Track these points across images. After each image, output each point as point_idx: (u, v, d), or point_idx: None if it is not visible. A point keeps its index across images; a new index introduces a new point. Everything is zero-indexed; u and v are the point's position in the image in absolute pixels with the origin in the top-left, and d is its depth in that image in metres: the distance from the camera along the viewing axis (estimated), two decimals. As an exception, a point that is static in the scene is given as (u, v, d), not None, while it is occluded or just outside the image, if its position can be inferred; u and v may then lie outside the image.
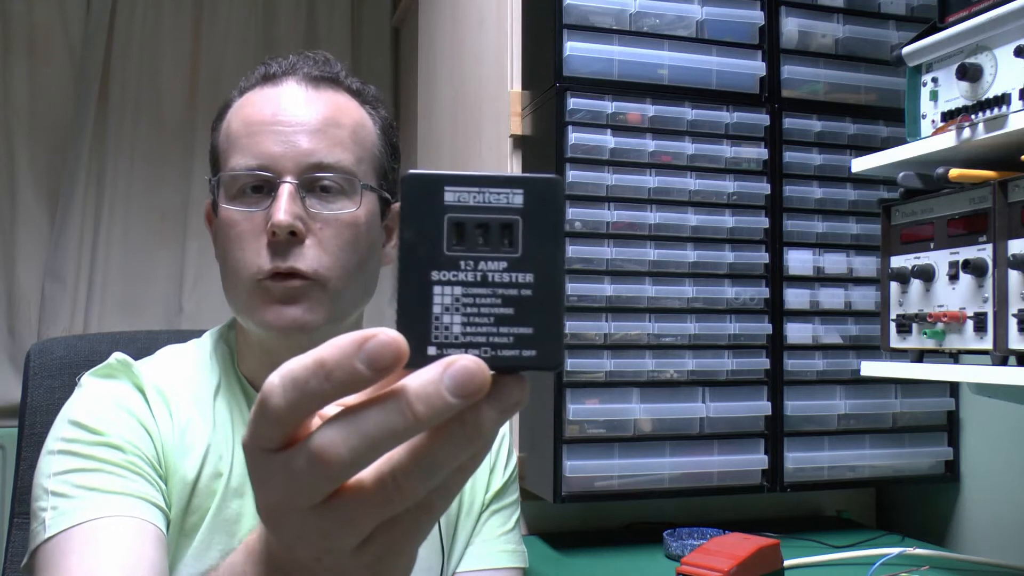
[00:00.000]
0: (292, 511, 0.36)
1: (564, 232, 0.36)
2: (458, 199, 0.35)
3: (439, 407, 0.33)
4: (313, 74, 0.86)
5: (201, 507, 0.82)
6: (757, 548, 1.05)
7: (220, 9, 2.84)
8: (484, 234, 0.35)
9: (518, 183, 0.36)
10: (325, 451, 0.34)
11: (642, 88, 1.36)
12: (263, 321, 0.81)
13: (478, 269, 0.35)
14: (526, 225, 0.36)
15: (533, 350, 0.35)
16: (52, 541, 0.74)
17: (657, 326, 1.34)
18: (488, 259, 0.35)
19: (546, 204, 0.36)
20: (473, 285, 0.35)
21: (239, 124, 0.84)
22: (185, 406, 0.85)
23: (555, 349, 0.35)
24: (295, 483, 0.35)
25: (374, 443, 0.34)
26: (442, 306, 0.35)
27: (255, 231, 0.81)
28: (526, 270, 0.35)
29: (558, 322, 0.35)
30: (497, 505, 0.96)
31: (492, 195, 0.35)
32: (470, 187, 0.35)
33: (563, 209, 0.36)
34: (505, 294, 0.35)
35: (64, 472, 0.77)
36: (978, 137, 0.94)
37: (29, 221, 2.67)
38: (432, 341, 0.35)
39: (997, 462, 1.41)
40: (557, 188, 0.36)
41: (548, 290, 0.35)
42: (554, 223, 0.36)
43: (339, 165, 0.82)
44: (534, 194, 0.36)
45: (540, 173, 0.36)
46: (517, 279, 0.35)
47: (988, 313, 0.91)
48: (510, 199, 0.36)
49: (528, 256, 0.35)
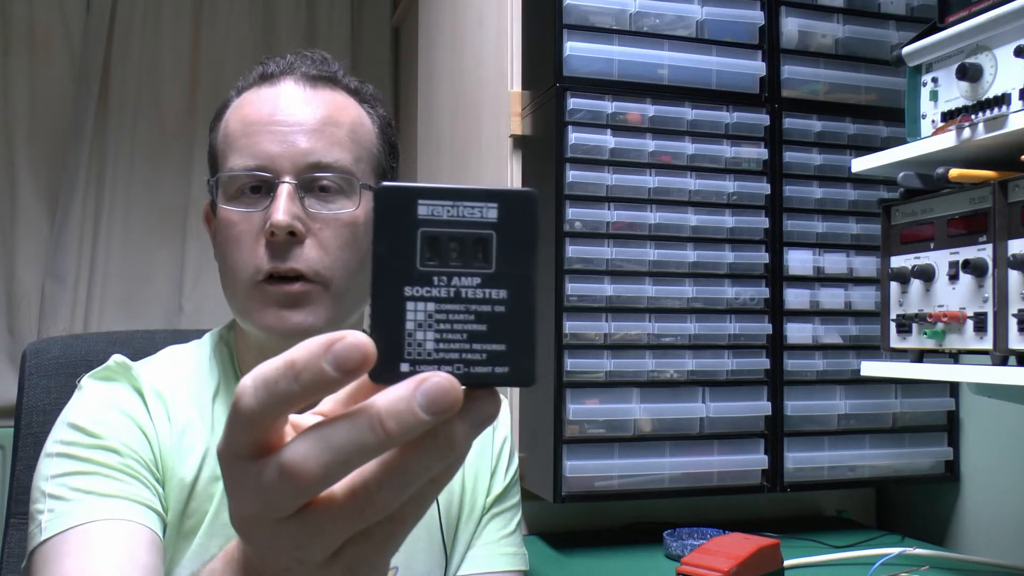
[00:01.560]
0: (263, 521, 0.36)
1: (538, 247, 0.36)
2: (431, 213, 0.35)
3: (410, 424, 0.33)
4: (311, 73, 0.85)
5: (199, 510, 0.82)
6: (757, 548, 1.05)
7: (220, 9, 2.84)
8: (458, 249, 0.35)
9: (492, 196, 0.35)
10: (296, 465, 0.34)
11: (642, 88, 1.36)
12: (264, 324, 0.81)
13: (451, 285, 0.35)
14: (500, 240, 0.35)
15: (506, 367, 0.35)
16: (48, 543, 0.73)
17: (657, 326, 1.34)
18: (461, 274, 0.35)
19: (521, 218, 0.35)
20: (446, 301, 0.35)
21: (237, 124, 0.84)
22: (184, 409, 0.84)
23: (527, 366, 0.35)
24: (266, 495, 0.35)
25: (345, 458, 0.34)
26: (415, 322, 0.35)
27: (254, 232, 0.80)
28: (500, 286, 0.35)
29: (531, 338, 0.35)
30: (498, 508, 0.95)
31: (466, 209, 0.35)
32: (444, 200, 0.35)
33: (538, 224, 0.36)
34: (478, 310, 0.35)
35: (61, 475, 0.77)
36: (978, 137, 0.94)
37: (29, 221, 2.67)
38: (405, 357, 0.35)
39: (997, 462, 1.41)
40: (532, 202, 0.35)
41: (521, 306, 0.35)
42: (529, 238, 0.35)
43: (338, 165, 0.82)
44: (509, 208, 0.35)
45: (515, 187, 0.36)
46: (491, 295, 0.35)
47: (988, 313, 0.91)
48: (484, 213, 0.35)
49: (502, 272, 0.35)
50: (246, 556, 0.40)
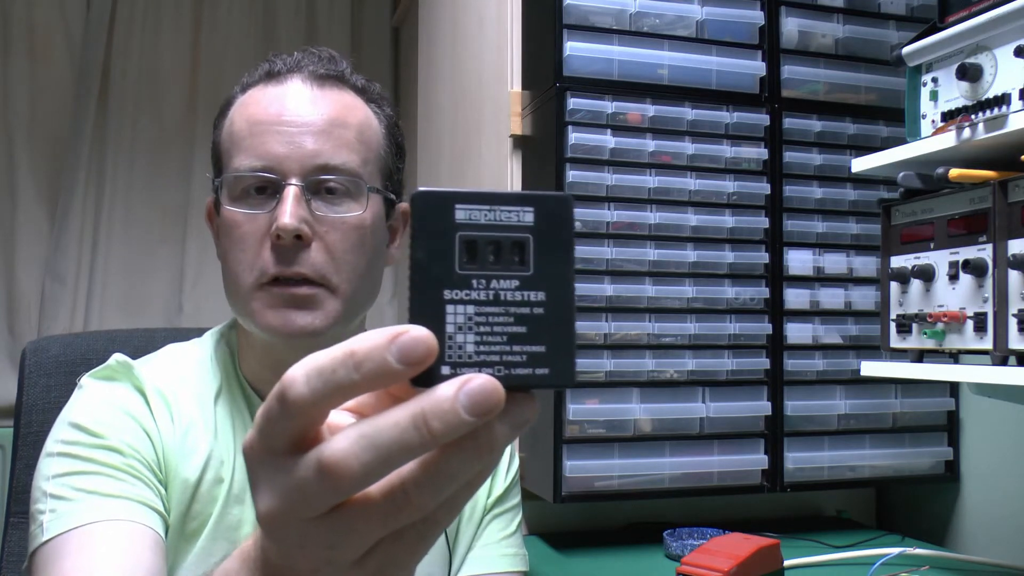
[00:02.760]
0: (294, 520, 0.35)
1: (574, 250, 0.36)
2: (469, 217, 0.35)
3: (455, 424, 0.33)
4: (319, 72, 0.84)
5: (202, 513, 0.81)
6: (757, 548, 1.05)
7: (220, 9, 2.84)
8: (495, 252, 0.35)
9: (529, 200, 0.36)
10: (336, 463, 0.33)
11: (642, 88, 1.36)
12: (268, 326, 0.80)
13: (490, 288, 0.35)
14: (537, 243, 0.35)
15: (546, 368, 0.35)
16: (49, 544, 0.73)
17: (657, 326, 1.34)
18: (500, 277, 0.35)
19: (557, 222, 0.36)
20: (486, 304, 0.35)
21: (243, 123, 0.82)
22: (187, 408, 0.84)
23: (568, 367, 0.35)
24: (300, 492, 0.34)
25: (387, 458, 0.33)
26: (455, 325, 0.35)
27: (258, 234, 0.79)
28: (538, 288, 0.35)
29: (570, 340, 0.35)
30: (499, 509, 0.95)
31: (503, 213, 0.35)
32: (481, 205, 0.35)
33: (573, 227, 0.36)
34: (517, 312, 0.35)
35: (63, 475, 0.77)
36: (978, 137, 0.94)
37: (29, 221, 2.67)
38: (446, 360, 0.35)
39: (997, 462, 1.41)
40: (568, 206, 0.36)
41: (560, 308, 0.35)
42: (565, 241, 0.36)
43: (345, 167, 0.81)
44: (545, 212, 0.36)
45: (550, 191, 0.36)
46: (529, 297, 0.35)
47: (988, 313, 0.91)
48: (521, 217, 0.35)
49: (539, 274, 0.35)
50: (266, 555, 0.39)
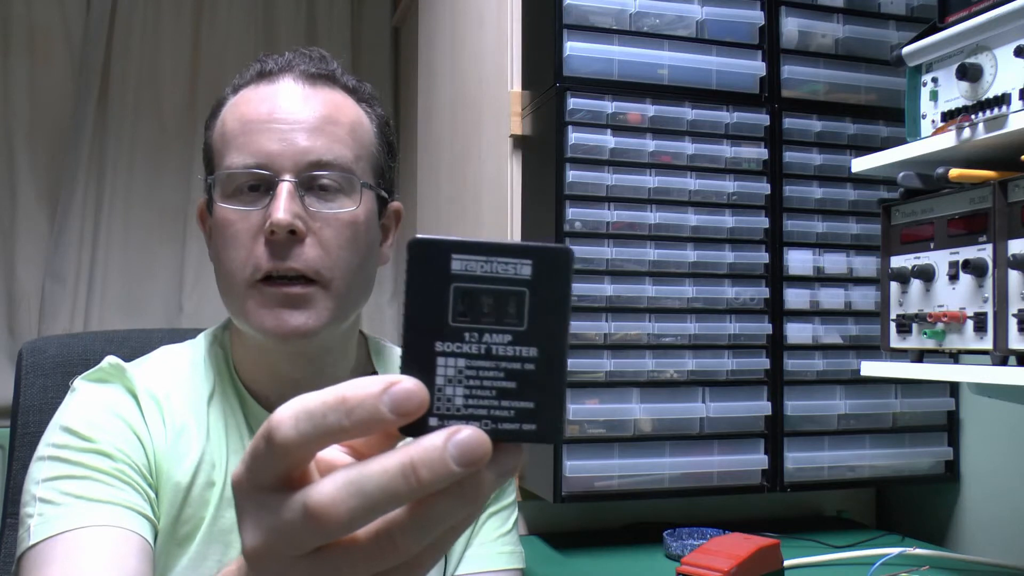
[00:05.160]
0: (279, 557, 0.36)
1: (571, 305, 0.35)
2: (465, 268, 0.34)
3: (443, 474, 0.33)
4: (310, 71, 0.84)
5: (194, 517, 0.81)
6: (757, 548, 1.05)
7: (220, 9, 2.84)
8: (490, 305, 0.35)
9: (527, 253, 0.35)
10: (322, 508, 0.34)
11: (642, 88, 1.36)
12: (262, 326, 0.79)
13: (482, 341, 0.35)
14: (533, 298, 0.35)
15: (533, 424, 0.35)
16: (36, 548, 0.73)
17: (657, 326, 1.34)
18: (493, 331, 0.35)
19: (555, 276, 0.35)
20: (477, 358, 0.35)
21: (235, 122, 0.82)
22: (179, 412, 0.83)
23: (555, 424, 0.35)
24: (286, 533, 0.35)
25: (374, 505, 0.34)
26: (445, 377, 0.35)
27: (252, 230, 0.79)
28: (530, 344, 0.35)
29: (559, 397, 0.35)
30: (495, 507, 0.95)
31: (500, 265, 0.34)
32: (478, 255, 0.34)
33: (571, 282, 0.35)
34: (508, 368, 0.35)
35: (52, 478, 0.76)
36: (978, 137, 0.94)
37: (29, 221, 2.67)
38: (434, 412, 0.35)
39: (997, 462, 1.41)
40: (567, 260, 0.35)
41: (551, 365, 0.35)
42: (561, 296, 0.35)
43: (338, 163, 0.81)
44: (543, 265, 0.35)
45: (550, 243, 0.34)
46: (521, 353, 0.35)
47: (988, 313, 0.91)
48: (518, 270, 0.35)
49: (533, 330, 0.35)
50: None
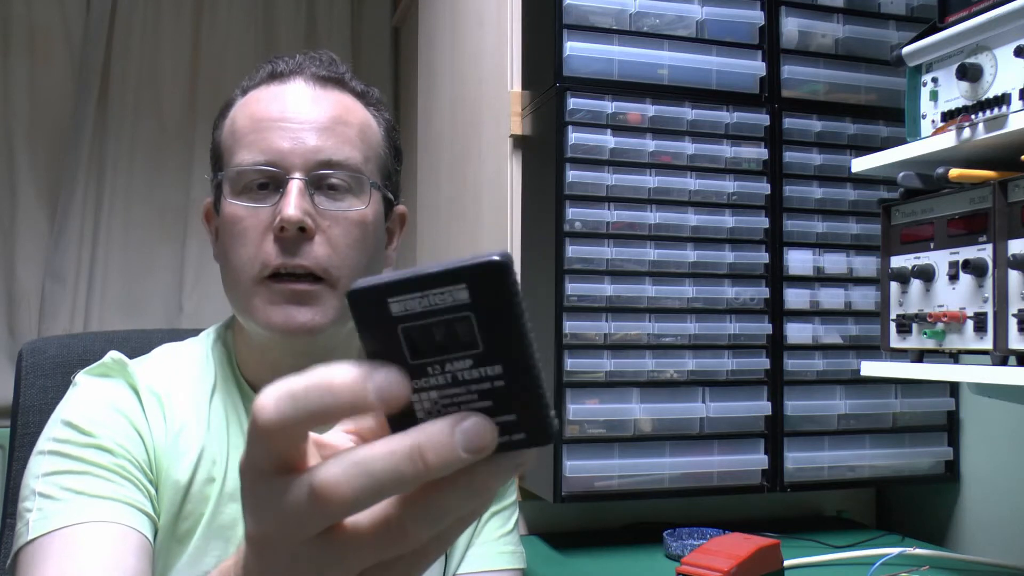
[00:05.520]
0: (284, 542, 0.36)
1: (522, 310, 0.34)
2: (405, 308, 0.34)
3: (449, 459, 0.33)
4: (320, 74, 0.85)
5: (194, 513, 0.81)
6: (757, 548, 1.05)
7: (220, 9, 2.84)
8: (441, 336, 0.34)
9: (459, 277, 0.33)
10: (328, 487, 0.34)
11: (642, 88, 1.36)
12: (268, 322, 0.80)
13: (446, 371, 0.34)
14: (480, 318, 0.34)
15: (522, 433, 0.35)
16: (33, 544, 0.73)
17: (657, 326, 1.34)
18: (453, 359, 0.34)
19: (493, 291, 0.33)
20: (447, 387, 0.35)
21: (245, 120, 0.83)
22: (180, 408, 0.83)
23: (542, 426, 0.35)
24: (291, 515, 0.35)
25: (380, 487, 0.34)
26: (424, 411, 0.35)
27: (261, 227, 0.80)
28: (492, 363, 0.34)
29: (539, 401, 0.35)
30: (496, 507, 0.95)
31: (437, 296, 0.34)
32: (412, 293, 0.34)
33: (514, 288, 0.34)
34: (479, 388, 0.34)
35: (52, 473, 0.76)
36: (978, 137, 0.94)
37: (29, 221, 2.67)
38: None
39: (997, 462, 1.41)
40: (499, 270, 0.33)
41: (520, 374, 0.34)
42: (508, 307, 0.34)
43: (348, 162, 0.82)
44: (478, 284, 0.33)
45: (479, 258, 0.33)
46: (487, 372, 0.34)
47: (988, 313, 0.91)
48: (455, 296, 0.33)
49: (490, 348, 0.34)
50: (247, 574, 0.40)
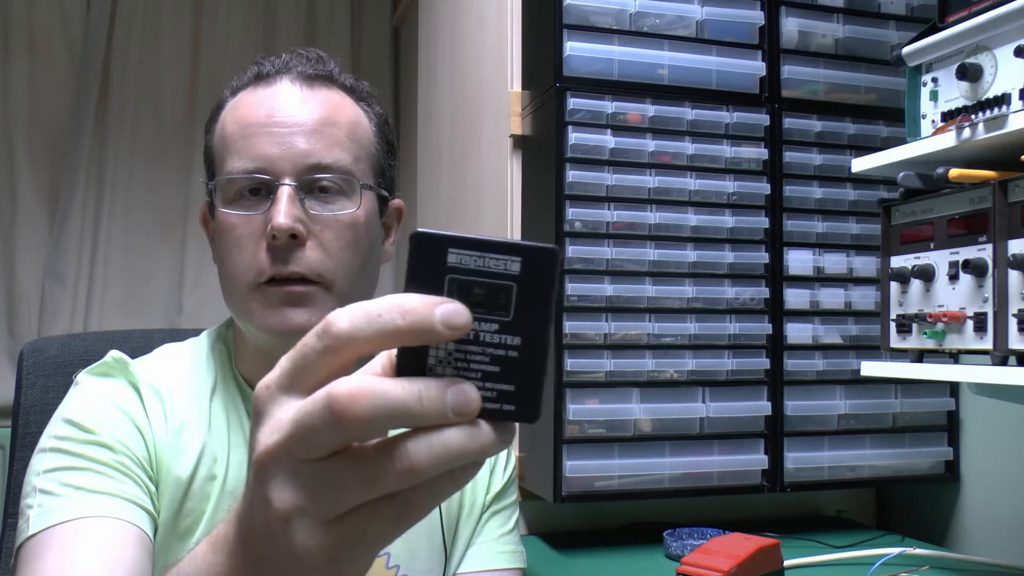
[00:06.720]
0: (288, 459, 0.37)
1: (555, 300, 0.38)
2: (460, 261, 0.37)
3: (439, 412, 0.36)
4: (307, 72, 0.85)
5: (195, 510, 0.81)
6: (757, 548, 1.05)
7: (220, 9, 2.84)
8: (481, 296, 0.37)
9: (517, 251, 0.37)
10: (345, 400, 0.35)
11: (642, 88, 1.36)
12: (265, 325, 0.80)
13: (471, 328, 0.37)
14: (520, 292, 0.37)
15: (513, 405, 0.38)
16: (34, 539, 0.73)
17: (657, 326, 1.34)
18: (482, 319, 0.37)
19: (541, 273, 0.37)
20: (466, 342, 0.37)
21: (234, 126, 0.83)
22: (181, 406, 0.84)
23: (533, 405, 0.38)
24: (304, 426, 0.36)
25: (390, 413, 0.35)
26: (435, 358, 0.37)
27: (254, 235, 0.80)
28: (515, 333, 0.37)
29: (538, 382, 0.38)
30: (497, 506, 0.96)
31: (492, 260, 0.37)
32: (472, 251, 0.37)
33: (557, 279, 0.38)
34: (494, 353, 0.37)
35: (53, 470, 0.77)
36: (978, 137, 0.94)
37: (29, 221, 2.67)
38: None
39: (997, 462, 1.41)
40: (553, 259, 0.37)
41: (533, 353, 0.37)
42: (546, 291, 0.37)
43: (337, 165, 0.81)
44: (531, 263, 0.37)
45: (541, 242, 0.37)
46: (506, 340, 0.37)
47: (988, 313, 0.91)
48: (508, 266, 0.37)
49: (518, 321, 0.37)
50: (233, 531, 0.41)
